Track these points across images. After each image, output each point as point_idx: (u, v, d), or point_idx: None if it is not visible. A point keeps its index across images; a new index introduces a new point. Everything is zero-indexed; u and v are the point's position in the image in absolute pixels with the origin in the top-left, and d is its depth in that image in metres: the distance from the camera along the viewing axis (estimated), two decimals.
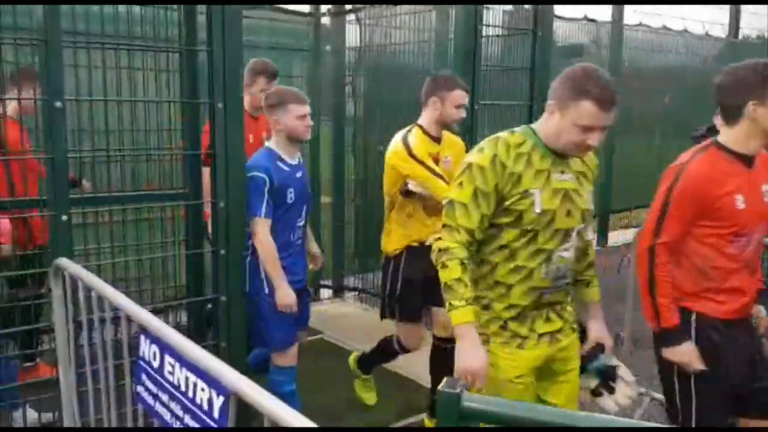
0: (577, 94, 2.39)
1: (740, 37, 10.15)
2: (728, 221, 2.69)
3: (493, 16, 4.57)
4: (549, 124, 2.49)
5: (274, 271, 3.44)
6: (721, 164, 2.73)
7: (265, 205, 3.40)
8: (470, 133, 4.21)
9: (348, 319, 6.08)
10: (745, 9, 9.86)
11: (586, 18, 8.21)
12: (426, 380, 4.56)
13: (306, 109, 3.57)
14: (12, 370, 3.41)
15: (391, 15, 5.88)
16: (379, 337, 4.35)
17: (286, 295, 3.44)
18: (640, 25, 8.80)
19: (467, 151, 3.56)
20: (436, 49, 5.62)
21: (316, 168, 6.39)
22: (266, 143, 3.66)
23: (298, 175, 3.65)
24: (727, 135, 2.78)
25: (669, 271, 2.74)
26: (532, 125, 2.59)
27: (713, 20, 9.63)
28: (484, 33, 4.29)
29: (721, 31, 9.72)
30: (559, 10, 7.57)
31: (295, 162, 3.64)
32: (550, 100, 2.49)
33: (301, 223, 3.71)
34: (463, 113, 3.75)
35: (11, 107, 3.59)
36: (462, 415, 1.51)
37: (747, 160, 2.75)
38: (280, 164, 3.53)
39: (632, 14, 8.70)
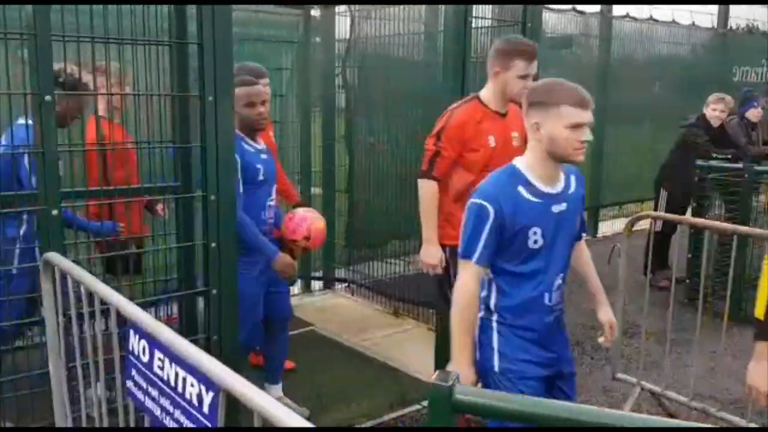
0: None
1: (728, 27, 10.18)
2: None
3: (483, 8, 4.57)
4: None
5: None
6: None
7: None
8: None
9: (339, 310, 6.09)
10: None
11: (574, 10, 8.21)
12: (416, 370, 4.59)
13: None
14: None
15: (381, 7, 5.87)
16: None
17: None
18: (626, 16, 8.82)
19: None
20: (425, 41, 5.62)
21: (306, 159, 6.39)
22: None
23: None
24: None
25: None
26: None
27: (702, 10, 9.64)
28: (473, 25, 4.30)
29: (709, 21, 9.74)
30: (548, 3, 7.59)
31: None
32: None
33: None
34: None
35: (101, 107, 3.90)
36: (455, 407, 1.52)
37: None
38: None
39: (621, 6, 8.73)
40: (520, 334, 2.72)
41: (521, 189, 2.64)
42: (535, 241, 2.65)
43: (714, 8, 9.64)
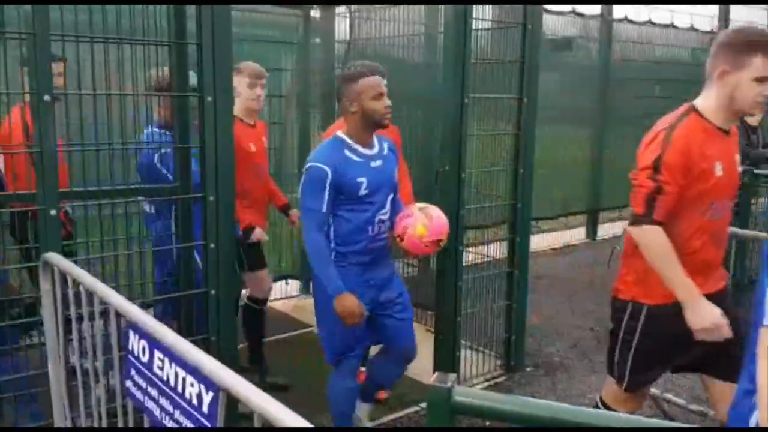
0: None
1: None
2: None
3: (483, 9, 4.57)
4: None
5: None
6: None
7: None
8: (459, 127, 4.21)
9: None
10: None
11: (574, 12, 8.22)
12: (414, 372, 4.58)
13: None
14: None
15: (381, 8, 5.87)
16: None
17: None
18: (624, 19, 8.82)
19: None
20: (425, 42, 5.62)
21: (305, 160, 6.38)
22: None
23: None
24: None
25: None
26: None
27: (701, 12, 9.64)
28: (474, 26, 4.30)
29: (708, 24, 9.73)
30: (548, 4, 7.59)
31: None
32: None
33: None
34: None
35: (237, 107, 3.99)
36: (453, 408, 1.52)
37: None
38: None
39: (620, 7, 8.73)
40: None
41: None
42: None
43: (714, 11, 9.63)
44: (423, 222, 3.40)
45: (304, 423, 1.48)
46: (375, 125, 3.38)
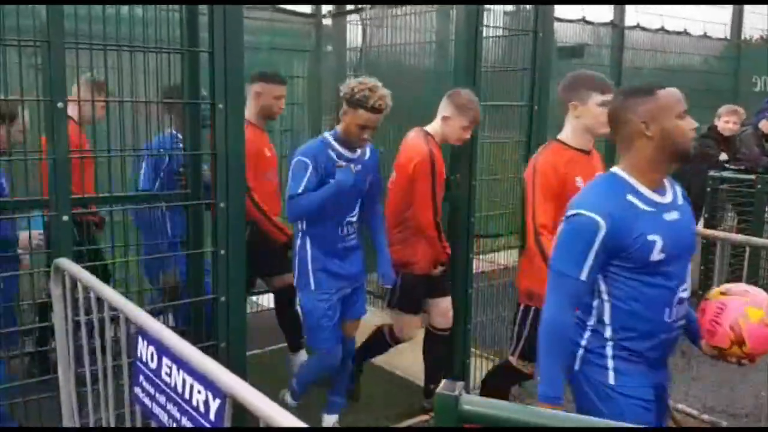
0: None
1: (743, 37, 10.13)
2: None
3: (494, 16, 4.57)
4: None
5: None
6: None
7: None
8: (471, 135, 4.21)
9: None
10: (747, 8, 9.84)
11: (584, 20, 8.19)
12: (423, 380, 4.57)
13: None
14: None
15: (392, 16, 5.87)
16: None
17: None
18: (637, 26, 8.79)
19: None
20: (437, 50, 5.62)
21: None
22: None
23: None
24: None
25: None
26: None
27: (715, 20, 9.59)
28: (484, 34, 4.29)
29: (722, 31, 9.68)
30: (559, 11, 7.56)
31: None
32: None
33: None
34: None
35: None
36: (461, 417, 1.51)
37: None
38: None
39: (633, 15, 8.69)
40: None
41: None
42: None
43: (727, 18, 9.58)
44: (745, 302, 2.44)
45: (303, 425, 1.48)
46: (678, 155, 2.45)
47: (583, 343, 2.46)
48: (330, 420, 4.12)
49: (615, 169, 2.50)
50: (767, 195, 5.90)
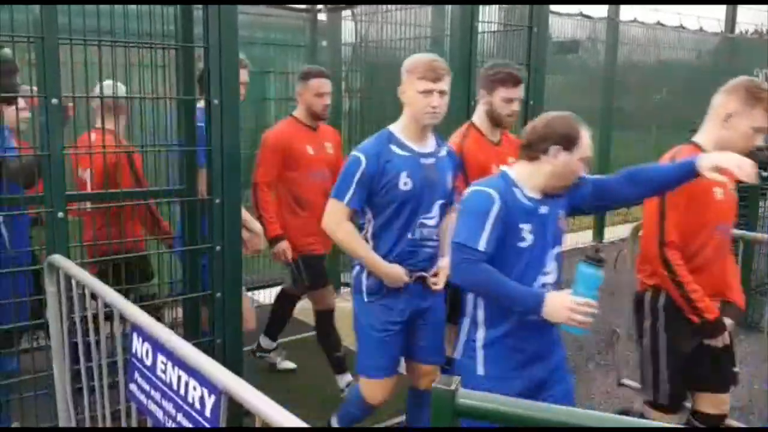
0: None
1: (737, 32, 10.15)
2: None
3: (489, 12, 4.56)
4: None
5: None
6: None
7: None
8: None
9: (343, 315, 6.06)
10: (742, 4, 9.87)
11: (581, 14, 8.20)
12: None
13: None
14: None
15: (387, 11, 5.87)
16: None
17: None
18: (634, 21, 8.79)
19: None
20: (432, 45, 5.62)
21: None
22: None
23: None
24: None
25: None
26: None
27: (709, 15, 9.61)
28: (479, 29, 4.29)
29: (717, 26, 9.70)
30: (555, 6, 7.57)
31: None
32: None
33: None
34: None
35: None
36: (457, 412, 1.51)
37: None
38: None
39: (628, 10, 8.70)
40: None
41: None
42: None
43: (721, 13, 9.60)
44: None
45: (300, 423, 1.48)
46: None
47: None
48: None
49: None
50: (762, 189, 5.91)
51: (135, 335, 2.18)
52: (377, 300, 3.30)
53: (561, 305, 2.57)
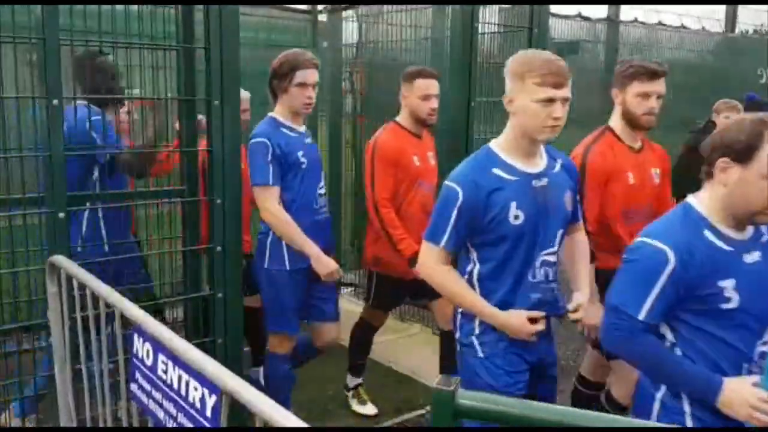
0: None
1: (737, 31, 10.15)
2: None
3: (489, 13, 4.57)
4: None
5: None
6: None
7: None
8: (466, 131, 4.21)
9: (344, 314, 6.06)
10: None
11: (580, 16, 8.19)
12: (421, 375, 4.59)
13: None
14: None
15: (388, 12, 5.88)
16: None
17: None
18: (635, 21, 8.79)
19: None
20: (432, 46, 5.62)
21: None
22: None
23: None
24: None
25: None
26: None
27: (709, 15, 9.60)
28: (480, 30, 4.30)
29: (717, 26, 9.70)
30: (555, 7, 7.56)
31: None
32: None
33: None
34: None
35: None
36: (457, 412, 1.52)
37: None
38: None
39: (628, 10, 8.70)
40: None
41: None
42: None
43: (721, 14, 9.60)
44: None
45: (302, 425, 1.48)
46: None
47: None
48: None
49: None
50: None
51: (136, 335, 2.18)
52: (497, 356, 2.66)
53: (743, 398, 2.09)
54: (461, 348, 2.73)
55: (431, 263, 2.64)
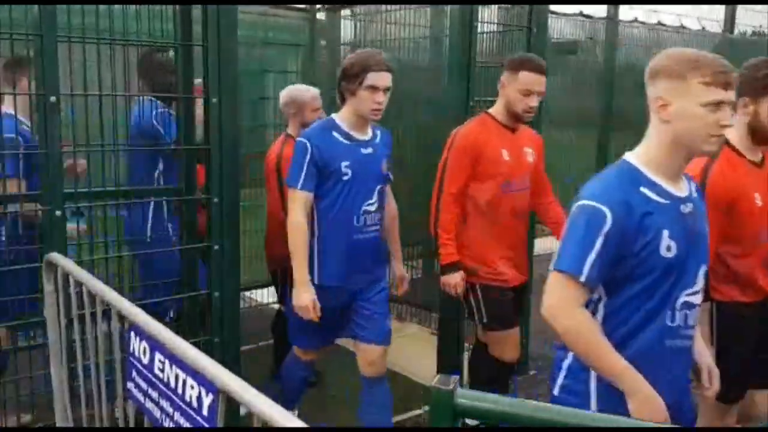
0: None
1: (736, 32, 10.16)
2: None
3: (489, 12, 4.56)
4: None
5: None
6: None
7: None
8: None
9: None
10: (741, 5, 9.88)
11: (581, 14, 8.19)
12: (419, 375, 4.57)
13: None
14: None
15: (386, 11, 5.87)
16: None
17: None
18: (635, 21, 8.79)
19: None
20: (431, 45, 5.62)
21: None
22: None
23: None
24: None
25: None
26: None
27: (708, 16, 9.61)
28: (479, 29, 4.29)
29: (716, 27, 9.71)
30: (555, 6, 7.56)
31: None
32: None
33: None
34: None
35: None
36: (456, 411, 1.51)
37: None
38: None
39: (628, 10, 8.69)
40: None
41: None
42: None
43: (720, 15, 9.60)
44: None
45: (302, 425, 1.47)
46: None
47: None
48: None
49: None
50: None
51: (132, 334, 2.17)
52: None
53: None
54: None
55: (569, 306, 2.09)
